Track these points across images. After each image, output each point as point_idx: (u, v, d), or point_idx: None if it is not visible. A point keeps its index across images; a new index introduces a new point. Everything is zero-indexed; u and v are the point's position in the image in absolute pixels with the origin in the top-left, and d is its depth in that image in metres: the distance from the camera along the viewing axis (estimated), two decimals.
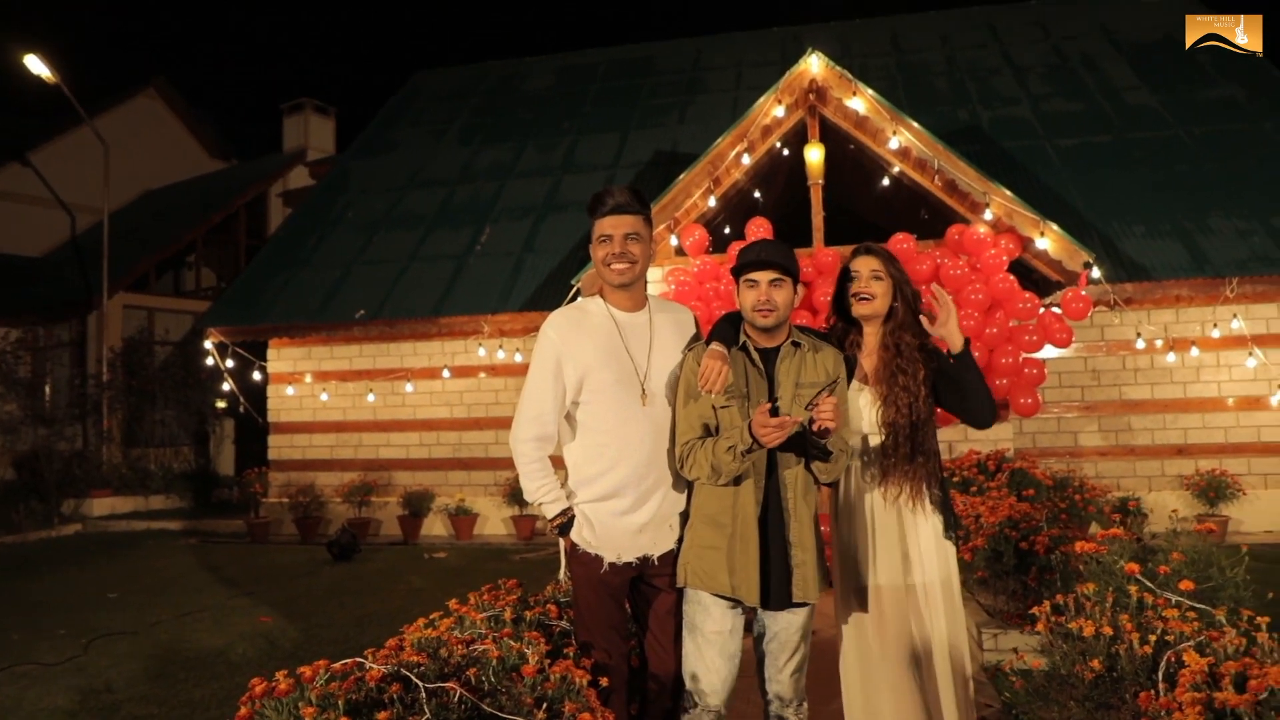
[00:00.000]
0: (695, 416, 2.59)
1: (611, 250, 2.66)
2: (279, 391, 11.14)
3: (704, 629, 2.56)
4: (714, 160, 8.17)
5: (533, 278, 10.51)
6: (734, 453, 2.44)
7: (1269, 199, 9.53)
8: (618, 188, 2.72)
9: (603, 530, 2.63)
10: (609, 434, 2.64)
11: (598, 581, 2.63)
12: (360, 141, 14.89)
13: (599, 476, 2.64)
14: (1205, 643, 2.47)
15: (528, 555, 8.80)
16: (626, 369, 2.66)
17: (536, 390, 2.66)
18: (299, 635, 5.75)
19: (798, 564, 2.53)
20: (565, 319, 2.72)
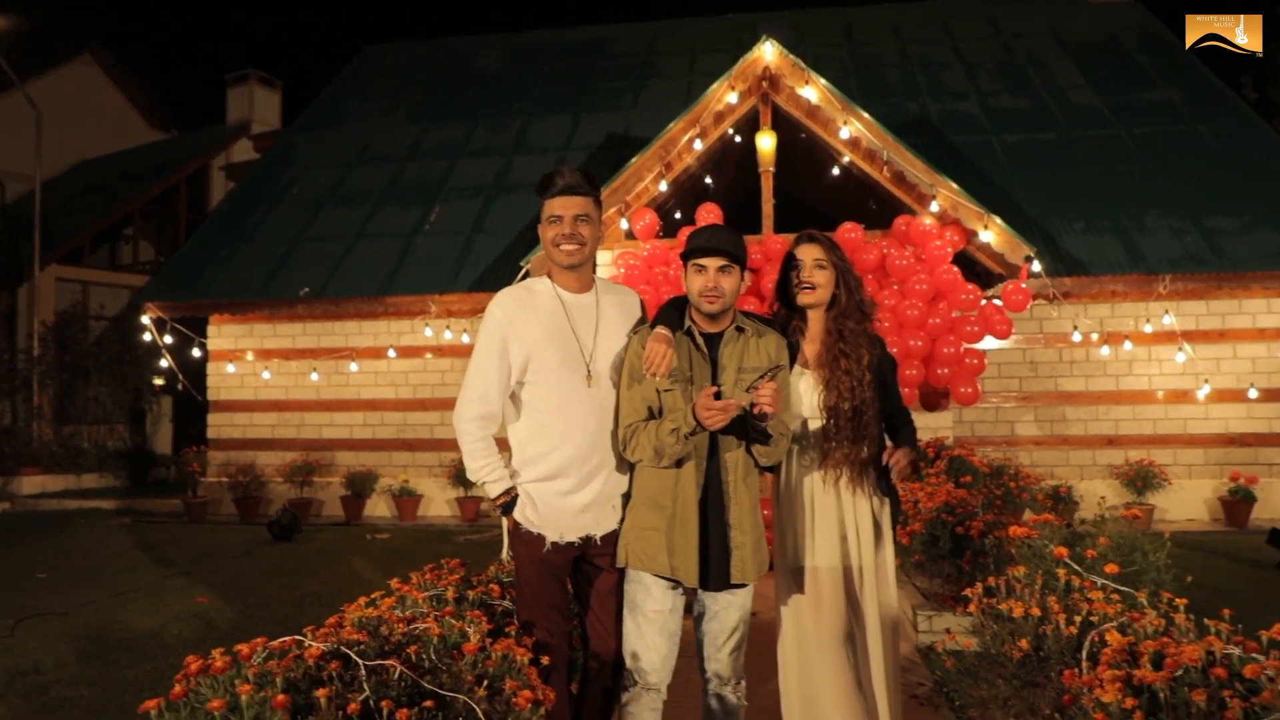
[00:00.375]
0: (639, 399, 2.60)
1: (561, 231, 2.65)
2: (219, 369, 10.90)
3: (644, 608, 2.59)
4: (666, 144, 8.17)
5: (482, 258, 10.42)
6: (677, 435, 2.47)
7: (1203, 200, 9.84)
8: (568, 169, 2.70)
9: (545, 510, 2.64)
10: (553, 414, 2.64)
11: (540, 561, 2.64)
12: (307, 115, 14.58)
13: (542, 457, 2.64)
14: (1127, 623, 2.56)
15: (472, 537, 8.76)
16: (572, 350, 2.66)
17: (481, 369, 2.65)
18: (236, 616, 5.66)
19: (736, 545, 2.56)
20: (512, 298, 2.71)
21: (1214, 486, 9.22)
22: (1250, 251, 9.11)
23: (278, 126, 19.67)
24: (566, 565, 2.69)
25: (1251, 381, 9.18)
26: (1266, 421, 9.29)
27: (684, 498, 2.56)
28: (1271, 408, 9.26)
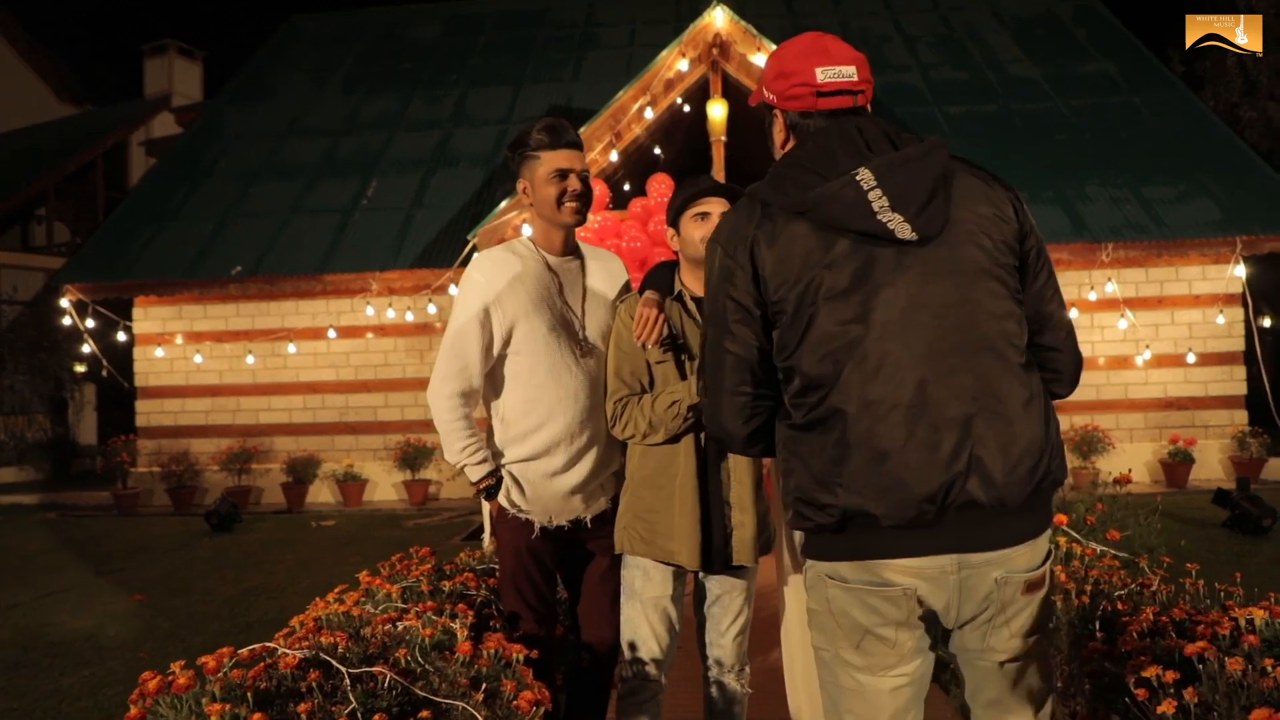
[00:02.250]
0: (628, 372, 2.43)
1: (570, 187, 2.42)
2: (147, 354, 10.37)
3: (644, 595, 2.43)
4: (615, 113, 7.96)
5: (423, 234, 10.08)
6: (677, 409, 2.31)
7: (1140, 169, 10.01)
8: (558, 119, 2.50)
9: (533, 492, 2.45)
10: (540, 388, 2.44)
11: (527, 548, 2.46)
12: (234, 86, 13.93)
13: (529, 434, 2.45)
14: (1137, 591, 2.49)
15: (421, 521, 8.50)
16: (561, 317, 2.47)
17: (461, 340, 2.41)
18: (178, 613, 5.35)
19: (736, 525, 2.41)
20: (493, 261, 2.48)
21: (1154, 449, 9.43)
22: (1187, 220, 9.30)
23: (200, 99, 18.83)
24: (555, 551, 2.51)
25: (1189, 347, 9.39)
26: (1203, 385, 9.53)
27: (682, 476, 2.39)
28: (1207, 371, 9.50)
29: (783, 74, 1.67)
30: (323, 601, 2.57)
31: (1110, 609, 2.38)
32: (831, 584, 1.58)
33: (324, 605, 2.52)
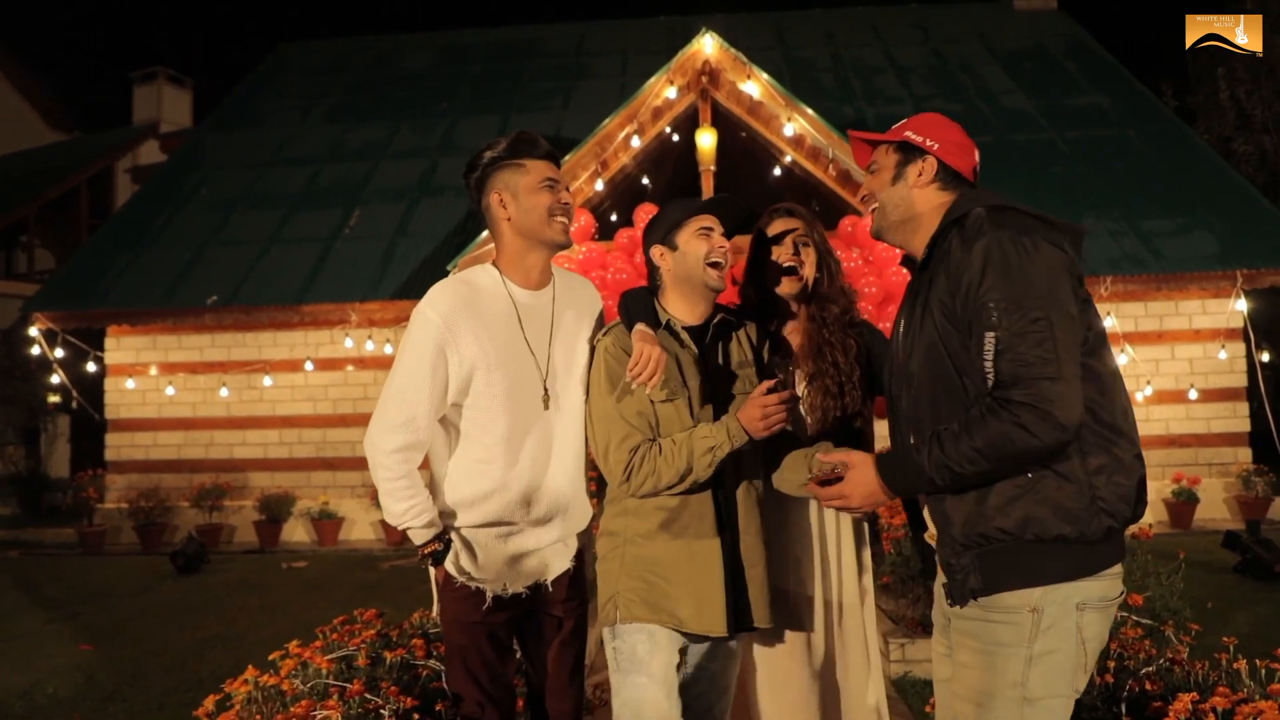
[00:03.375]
0: (634, 414, 2.11)
1: (558, 199, 2.17)
2: (118, 385, 10.05)
3: (652, 666, 2.08)
4: (602, 141, 7.76)
5: (406, 264, 9.83)
6: (713, 457, 2.03)
7: (1136, 203, 9.84)
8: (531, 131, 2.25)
9: (485, 557, 2.14)
10: (496, 447, 2.12)
11: (478, 622, 2.14)
12: (218, 114, 13.75)
13: (481, 500, 2.13)
14: (1167, 667, 2.21)
15: (398, 562, 8.16)
16: (526, 365, 2.15)
17: (409, 387, 2.08)
18: (124, 666, 5.00)
19: (748, 581, 2.15)
20: (453, 296, 2.13)
21: (1157, 488, 9.14)
22: (1186, 253, 9.10)
23: (189, 127, 18.65)
24: (510, 621, 2.21)
25: (1190, 382, 9.16)
26: (1205, 422, 9.28)
27: (698, 528, 2.11)
28: (1209, 408, 9.26)
29: (962, 145, 1.96)
30: (241, 680, 2.27)
31: (1138, 689, 2.10)
32: (1087, 610, 1.69)
33: (242, 683, 2.22)
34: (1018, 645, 1.69)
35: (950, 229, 1.79)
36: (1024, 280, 1.65)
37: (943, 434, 1.70)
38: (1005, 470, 1.67)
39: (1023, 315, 1.63)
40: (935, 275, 1.77)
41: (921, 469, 1.71)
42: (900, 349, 1.87)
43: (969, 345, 1.71)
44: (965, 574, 1.73)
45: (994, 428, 1.62)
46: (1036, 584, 1.67)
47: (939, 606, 1.95)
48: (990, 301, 1.65)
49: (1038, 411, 1.58)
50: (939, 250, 1.79)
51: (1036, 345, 1.62)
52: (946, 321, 1.74)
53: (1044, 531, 1.65)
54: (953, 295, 1.72)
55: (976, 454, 1.64)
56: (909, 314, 1.86)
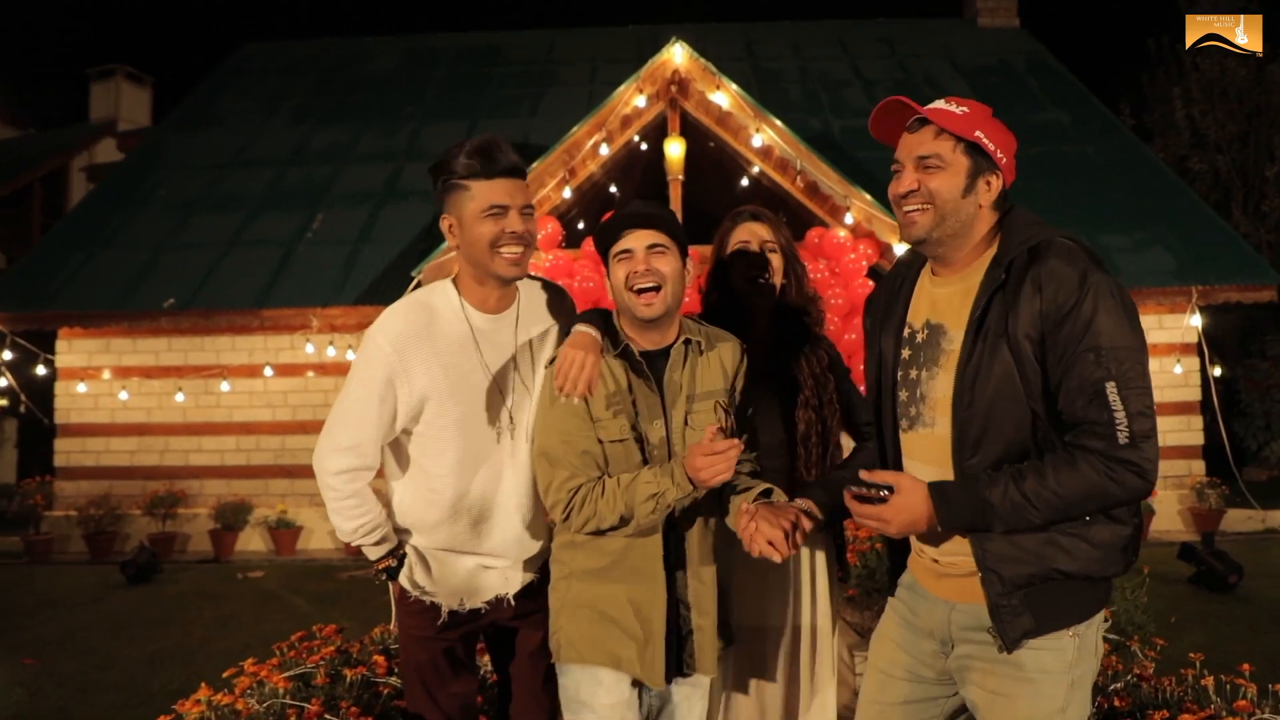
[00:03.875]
0: (578, 452, 1.94)
1: (508, 228, 1.95)
2: (69, 389, 9.79)
3: (595, 704, 1.98)
4: (570, 149, 7.71)
5: (370, 269, 9.69)
6: (655, 504, 1.86)
7: (1096, 218, 10.00)
8: (498, 138, 2.01)
9: (441, 573, 2.07)
10: (445, 478, 2.03)
11: (434, 637, 2.08)
12: (178, 113, 13.49)
13: (431, 528, 2.07)
14: (1134, 684, 2.21)
15: (357, 573, 8.02)
16: (479, 395, 2.03)
17: (356, 413, 1.99)
18: (72, 681, 4.84)
19: (695, 628, 2.01)
20: (405, 323, 2.01)
21: None
22: (1143, 269, 9.27)
23: (148, 126, 18.29)
24: (470, 636, 2.15)
25: None
26: (1160, 435, 9.35)
27: (646, 570, 1.97)
28: (1165, 421, 9.40)
29: (1014, 159, 1.88)
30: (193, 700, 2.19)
31: (1107, 706, 2.10)
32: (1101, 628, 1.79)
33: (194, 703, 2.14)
34: (1063, 671, 1.69)
35: (1033, 256, 1.69)
36: (1130, 329, 1.61)
37: (1023, 473, 1.62)
38: (1072, 518, 1.64)
39: (1132, 367, 1.60)
40: (1018, 304, 1.66)
41: (990, 505, 1.62)
42: (962, 377, 1.72)
43: (1050, 383, 1.65)
44: (1016, 615, 1.67)
45: (1088, 478, 1.57)
46: (1083, 620, 1.69)
47: (931, 632, 1.87)
48: (1104, 347, 1.59)
49: (1138, 470, 1.56)
50: (1022, 279, 1.68)
51: (1142, 404, 1.59)
52: (1035, 356, 1.65)
53: (1098, 572, 1.66)
54: (1043, 331, 1.64)
55: (1059, 500, 1.59)
56: (971, 338, 1.72)
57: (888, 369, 1.89)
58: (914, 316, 1.87)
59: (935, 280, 1.87)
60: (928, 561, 1.85)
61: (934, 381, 1.77)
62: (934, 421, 1.77)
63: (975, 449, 1.70)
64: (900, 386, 1.85)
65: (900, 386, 1.85)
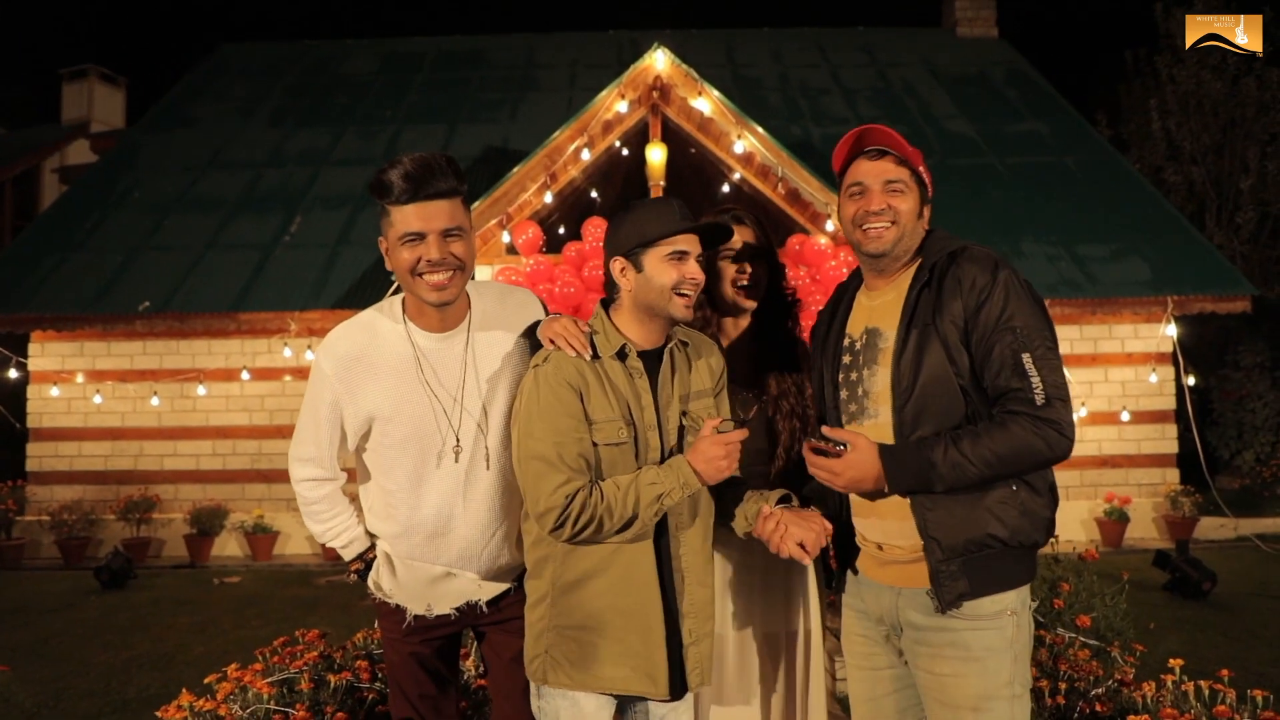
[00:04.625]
0: (574, 455, 1.87)
1: (425, 255, 1.89)
2: (42, 392, 9.65)
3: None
4: (551, 153, 7.70)
5: (348, 272, 9.63)
6: (660, 505, 1.85)
7: (1073, 228, 10.11)
8: (425, 156, 1.93)
9: (407, 576, 2.06)
10: (398, 494, 2.03)
11: (402, 641, 2.08)
12: (153, 114, 13.34)
13: (392, 538, 2.09)
14: (1116, 689, 2.23)
15: (334, 578, 7.94)
16: (424, 419, 1.99)
17: (309, 431, 2.05)
18: (46, 687, 4.76)
19: (695, 640, 1.97)
20: (347, 346, 1.99)
21: (1089, 507, 9.38)
22: (1120, 279, 9.38)
23: (122, 127, 18.08)
24: (446, 642, 2.13)
25: (1122, 405, 9.42)
26: (1136, 443, 9.54)
27: (638, 579, 1.91)
28: (1140, 430, 9.53)
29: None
30: (175, 706, 2.16)
31: (1089, 711, 2.12)
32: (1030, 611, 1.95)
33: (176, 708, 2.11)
34: (1005, 648, 1.85)
35: (953, 259, 1.94)
36: (1038, 313, 1.87)
37: (960, 435, 1.83)
38: (1007, 476, 1.83)
39: (1042, 342, 1.83)
40: (941, 300, 1.90)
41: (933, 464, 1.81)
42: (898, 366, 1.92)
43: (975, 364, 1.87)
44: (953, 579, 1.84)
45: (1018, 436, 1.79)
46: (1016, 586, 1.88)
47: (880, 619, 2.01)
48: (1017, 327, 1.83)
49: (1059, 428, 1.79)
50: (944, 277, 1.92)
51: (1054, 371, 1.83)
52: (960, 342, 1.87)
53: (1025, 538, 1.85)
54: (966, 319, 1.87)
55: (995, 457, 1.79)
56: (904, 333, 1.93)
57: (830, 378, 2.10)
58: (853, 328, 2.09)
59: (870, 294, 2.09)
60: (871, 549, 2.00)
61: (874, 378, 1.97)
62: (876, 413, 1.96)
63: (914, 429, 1.89)
64: (841, 388, 2.06)
65: (841, 388, 2.06)
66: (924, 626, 1.90)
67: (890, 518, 1.94)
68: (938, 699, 1.88)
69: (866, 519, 2.02)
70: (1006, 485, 1.84)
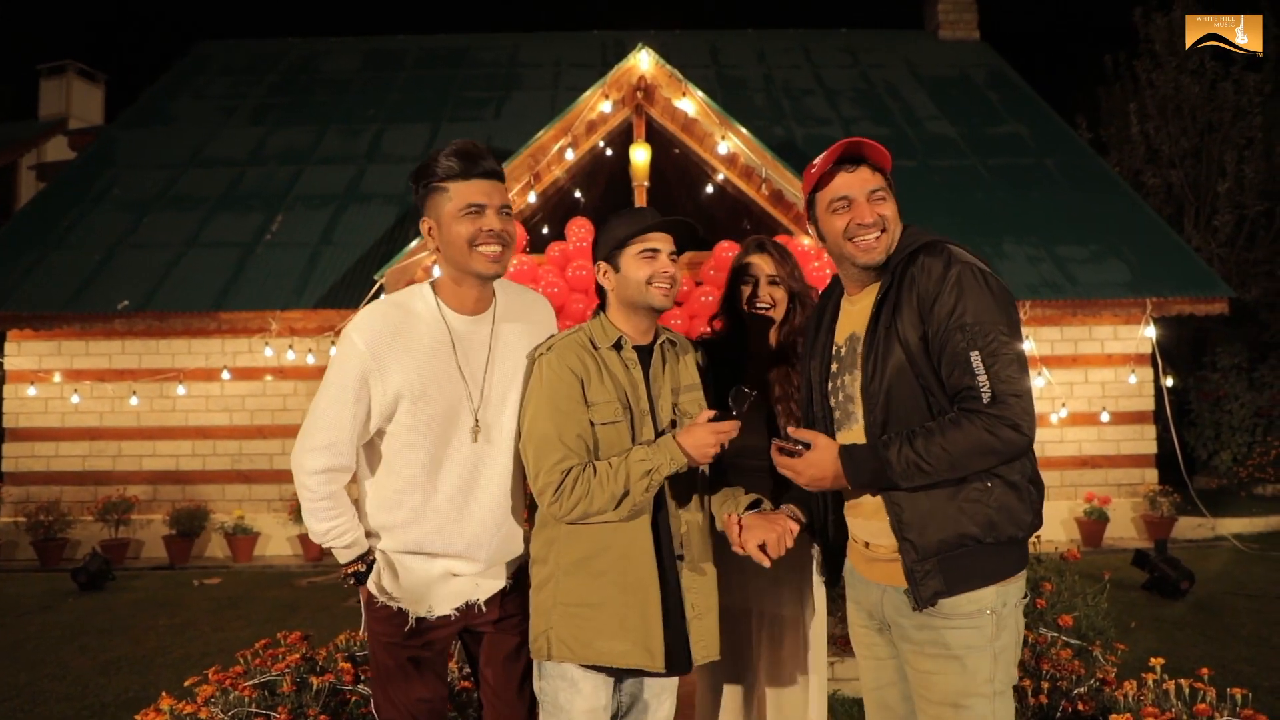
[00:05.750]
0: (573, 435, 2.01)
1: (485, 226, 2.01)
2: (18, 392, 9.54)
3: (573, 710, 2.01)
4: (535, 153, 7.68)
5: (330, 272, 9.57)
6: (650, 480, 1.95)
7: (1053, 230, 10.19)
8: (471, 141, 2.09)
9: (409, 578, 2.05)
10: (414, 479, 2.03)
11: (402, 644, 2.06)
12: (132, 111, 13.21)
13: (398, 529, 2.06)
14: (1098, 687, 2.24)
15: (316, 579, 7.90)
16: (456, 396, 2.05)
17: (332, 413, 2.00)
18: (21, 692, 4.70)
19: (699, 614, 2.06)
20: (382, 323, 2.03)
21: (1069, 507, 9.45)
22: (1100, 280, 9.45)
23: (101, 124, 17.88)
24: (442, 644, 2.13)
25: (1102, 405, 9.49)
26: (1115, 444, 9.62)
27: (634, 556, 2.01)
28: (1120, 430, 9.61)
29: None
30: (154, 709, 2.14)
31: (1072, 710, 2.13)
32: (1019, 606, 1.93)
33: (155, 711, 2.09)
34: (984, 646, 1.86)
35: (911, 258, 1.93)
36: (993, 305, 1.84)
37: (914, 433, 1.83)
38: (963, 473, 1.81)
39: (996, 336, 1.79)
40: (900, 301, 1.90)
41: (889, 463, 1.82)
42: (866, 371, 1.94)
43: (934, 363, 1.85)
44: (928, 577, 1.85)
45: (970, 434, 1.78)
46: (991, 583, 1.86)
47: (871, 613, 2.06)
48: (968, 323, 1.80)
49: (1011, 423, 1.78)
50: (903, 278, 1.92)
51: (1008, 365, 1.80)
52: (919, 342, 1.87)
53: (1000, 534, 1.86)
54: (922, 318, 1.86)
55: (947, 455, 1.79)
56: (870, 336, 1.95)
57: (817, 384, 2.13)
58: (839, 335, 2.11)
59: (851, 300, 2.12)
60: (860, 547, 2.06)
61: (854, 383, 2.01)
62: (857, 417, 2.00)
63: (883, 429, 1.92)
64: (830, 395, 2.08)
65: (830, 395, 2.08)
66: (906, 624, 1.93)
67: (873, 518, 1.98)
68: (922, 694, 1.92)
69: (855, 518, 2.09)
70: (980, 481, 1.85)
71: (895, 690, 2.06)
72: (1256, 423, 11.22)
